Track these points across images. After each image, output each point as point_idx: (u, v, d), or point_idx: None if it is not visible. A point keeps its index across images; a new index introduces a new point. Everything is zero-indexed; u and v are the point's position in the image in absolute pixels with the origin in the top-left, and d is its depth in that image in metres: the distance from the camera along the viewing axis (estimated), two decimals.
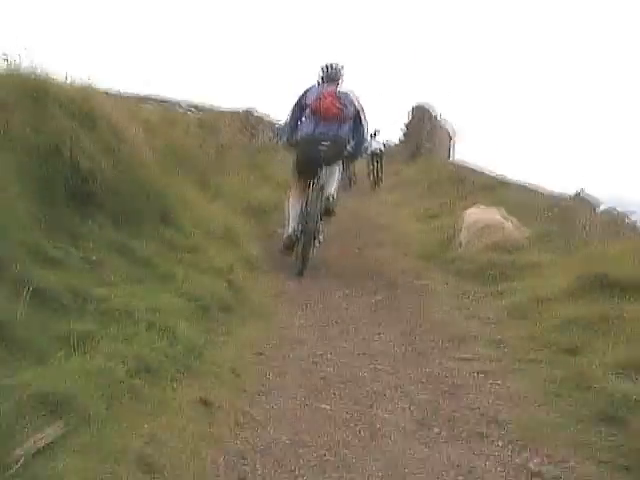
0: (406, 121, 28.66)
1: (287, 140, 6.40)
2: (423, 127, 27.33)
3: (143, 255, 4.19)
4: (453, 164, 22.36)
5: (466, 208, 10.86)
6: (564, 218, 11.56)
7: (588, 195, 18.13)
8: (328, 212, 6.40)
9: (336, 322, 4.86)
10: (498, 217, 7.40)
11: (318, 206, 6.15)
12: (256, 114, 20.84)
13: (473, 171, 19.31)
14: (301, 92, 6.12)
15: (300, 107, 6.15)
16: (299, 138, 6.15)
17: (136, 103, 11.36)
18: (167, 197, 5.43)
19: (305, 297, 5.55)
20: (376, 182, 17.64)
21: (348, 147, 6.32)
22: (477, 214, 7.56)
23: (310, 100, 5.98)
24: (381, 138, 18.23)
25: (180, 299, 3.82)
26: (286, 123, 6.39)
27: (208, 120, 13.62)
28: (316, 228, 6.26)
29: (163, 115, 9.94)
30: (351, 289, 5.96)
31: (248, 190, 9.63)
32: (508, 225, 7.17)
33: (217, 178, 8.90)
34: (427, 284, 6.26)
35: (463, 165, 20.42)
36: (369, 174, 17.88)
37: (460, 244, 7.45)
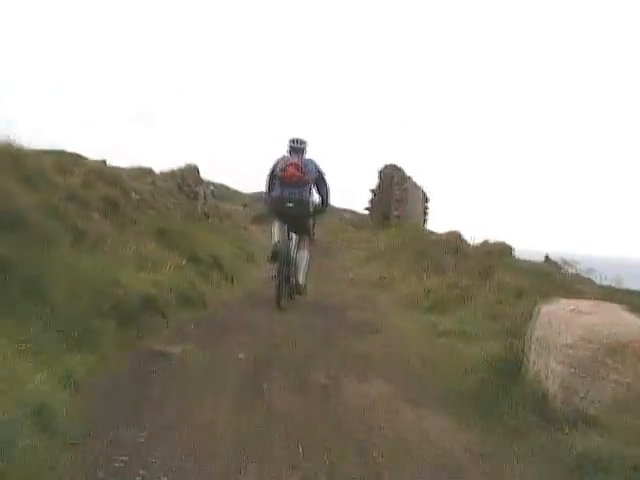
0: (374, 184, 24.82)
1: (265, 204, 7.40)
2: (394, 189, 23.64)
3: None
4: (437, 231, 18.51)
5: (496, 290, 6.78)
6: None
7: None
8: (299, 292, 6.93)
9: None
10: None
11: (288, 260, 6.63)
12: (198, 173, 16.72)
13: (458, 236, 15.45)
14: (273, 163, 6.90)
15: (272, 176, 6.88)
16: (271, 200, 6.86)
17: None
18: None
19: None
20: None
21: (311, 205, 6.94)
22: (581, 319, 3.32)
23: (278, 169, 6.70)
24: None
25: None
26: (265, 191, 7.16)
27: (111, 173, 9.31)
28: (287, 274, 6.67)
29: None
30: None
31: (126, 272, 5.31)
32: None
33: (63, 250, 4.62)
34: None
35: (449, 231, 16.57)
36: None
37: (553, 394, 3.20)
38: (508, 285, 6.82)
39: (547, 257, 15.24)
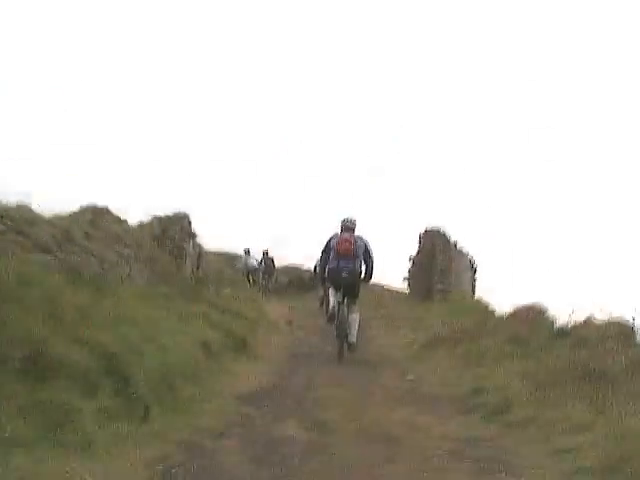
0: (414, 251, 20.09)
1: (321, 274, 7.83)
2: (437, 257, 18.90)
3: None
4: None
5: None
6: None
7: None
8: (351, 349, 7.28)
9: None
10: None
11: (344, 322, 7.19)
12: (188, 225, 12.04)
13: (541, 312, 10.37)
14: (327, 238, 7.66)
15: (327, 249, 7.58)
16: (328, 270, 7.52)
17: None
18: None
19: None
20: (264, 290, 17.52)
21: (362, 274, 7.50)
22: None
23: (333, 244, 7.47)
24: (254, 256, 18.98)
25: None
26: (319, 262, 7.99)
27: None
28: (345, 333, 7.21)
29: None
30: None
31: None
32: None
33: None
34: None
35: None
36: (255, 285, 17.99)
37: None
38: None
39: None
